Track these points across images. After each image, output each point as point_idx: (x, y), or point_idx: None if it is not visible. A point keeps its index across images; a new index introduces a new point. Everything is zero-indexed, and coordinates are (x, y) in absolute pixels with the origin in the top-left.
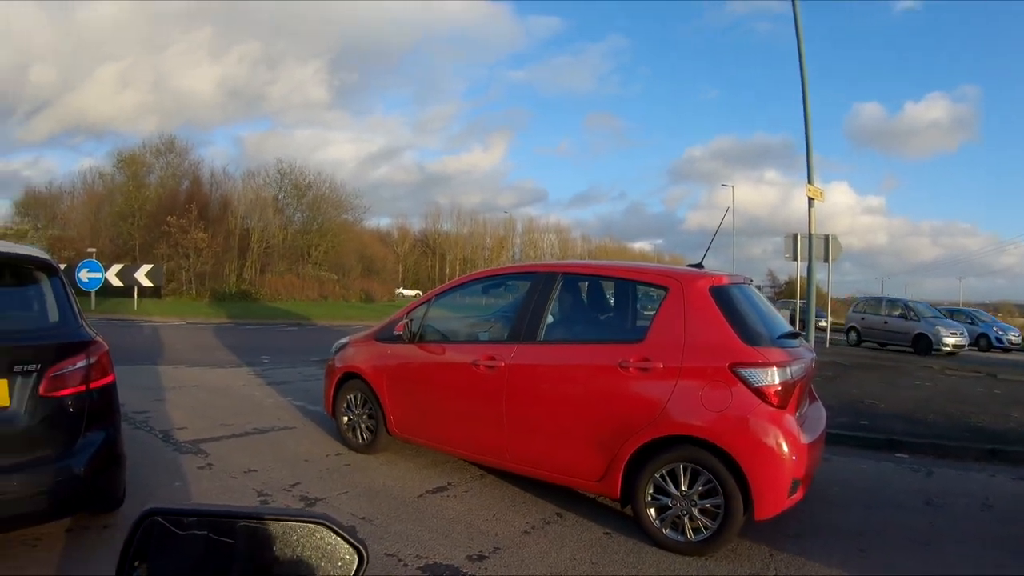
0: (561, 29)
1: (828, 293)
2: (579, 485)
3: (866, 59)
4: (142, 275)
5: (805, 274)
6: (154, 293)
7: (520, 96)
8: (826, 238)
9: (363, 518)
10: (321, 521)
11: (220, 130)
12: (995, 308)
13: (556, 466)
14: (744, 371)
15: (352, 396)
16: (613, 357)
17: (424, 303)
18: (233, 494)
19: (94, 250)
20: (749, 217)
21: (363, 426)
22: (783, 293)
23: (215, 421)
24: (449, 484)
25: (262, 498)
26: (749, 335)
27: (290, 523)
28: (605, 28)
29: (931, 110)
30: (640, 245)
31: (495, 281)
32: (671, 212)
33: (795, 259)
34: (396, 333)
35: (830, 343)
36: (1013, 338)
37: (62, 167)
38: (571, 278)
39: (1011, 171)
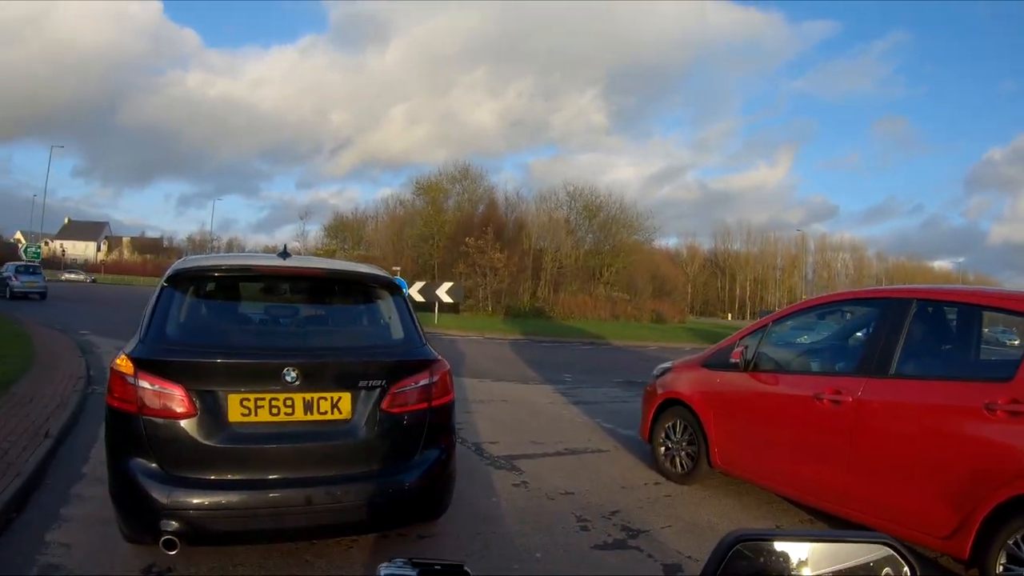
0: (837, 32)
1: None
2: (921, 540)
3: None
4: (443, 292)
5: None
6: (452, 309)
7: (802, 106)
8: None
9: (689, 557)
10: (883, 541)
11: (508, 157)
12: None
13: (897, 516)
14: None
15: (673, 423)
16: (977, 397)
17: (759, 329)
18: (550, 516)
19: (399, 268)
20: None
21: (682, 455)
22: None
23: (526, 438)
24: (777, 527)
25: (581, 523)
26: None
27: (855, 543)
28: (882, 25)
29: None
30: (940, 263)
31: (835, 307)
32: (972, 225)
33: None
34: (732, 361)
35: None
36: None
37: (363, 196)
38: (927, 305)
39: None
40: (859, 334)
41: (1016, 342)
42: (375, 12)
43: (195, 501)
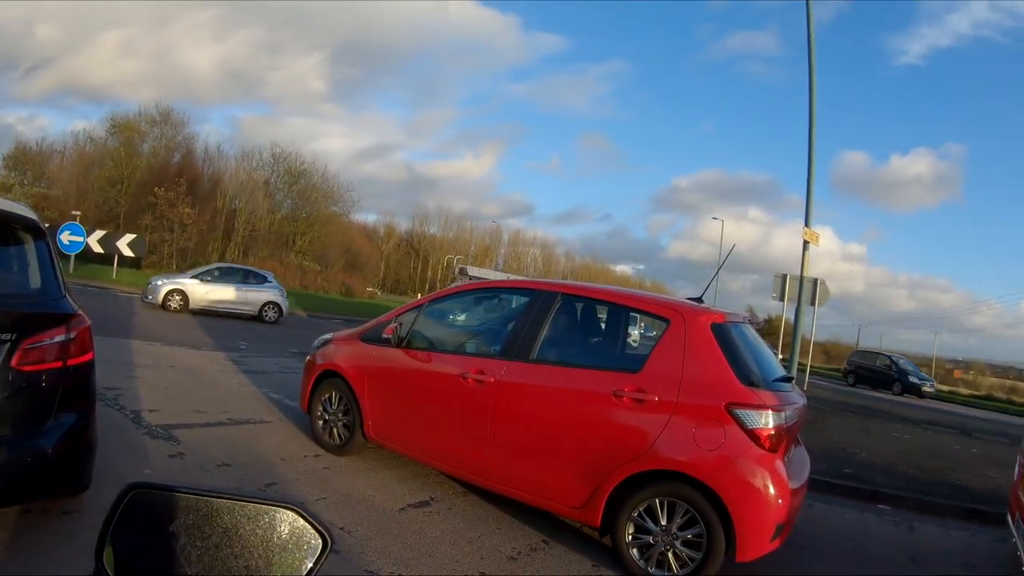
0: (565, 48)
1: (812, 337)
2: (559, 510)
3: (857, 107)
4: (124, 244)
5: (790, 315)
6: (134, 263)
7: (517, 109)
8: (814, 282)
9: (342, 528)
10: (292, 507)
11: (217, 108)
12: (967, 365)
13: (538, 489)
14: (740, 412)
15: (330, 395)
16: (607, 385)
17: (416, 308)
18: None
19: (78, 213)
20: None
21: (338, 426)
22: (762, 331)
23: (188, 406)
24: (431, 499)
25: None
26: (747, 376)
27: (264, 506)
28: (608, 51)
29: (916, 164)
30: (622, 268)
31: (490, 293)
32: (654, 239)
33: (782, 300)
34: (385, 336)
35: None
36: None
37: (56, 127)
38: (570, 299)
39: (989, 232)
40: (509, 321)
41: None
42: None
43: None
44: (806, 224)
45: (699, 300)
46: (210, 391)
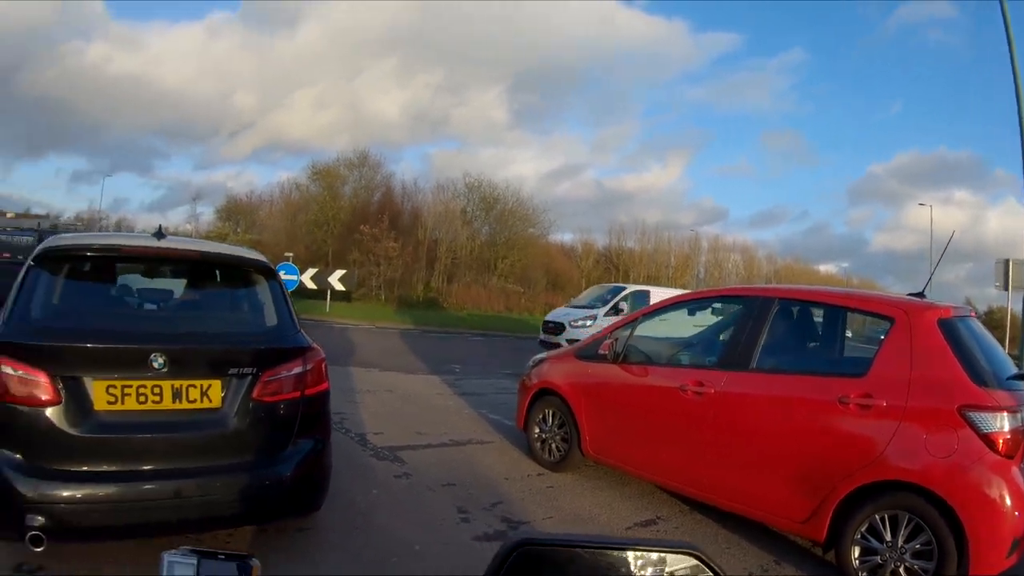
0: (737, 45)
1: None
2: (782, 525)
3: None
4: (335, 279)
5: (1016, 305)
6: (345, 297)
7: (698, 114)
8: None
9: None
10: (690, 551)
11: (409, 149)
12: None
13: (760, 502)
14: (974, 415)
15: (546, 412)
16: (832, 391)
17: (630, 322)
18: (431, 508)
19: (291, 254)
20: (937, 240)
21: (555, 443)
22: (985, 325)
23: (410, 429)
24: (658, 518)
25: (463, 515)
26: (978, 375)
27: (661, 553)
28: (781, 43)
29: None
30: (826, 267)
31: (704, 303)
32: (856, 233)
33: (1006, 288)
34: (601, 352)
35: None
36: None
37: (262, 180)
38: (788, 304)
39: None
40: (725, 330)
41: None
42: None
43: (61, 494)
44: None
45: (921, 295)
46: (430, 413)
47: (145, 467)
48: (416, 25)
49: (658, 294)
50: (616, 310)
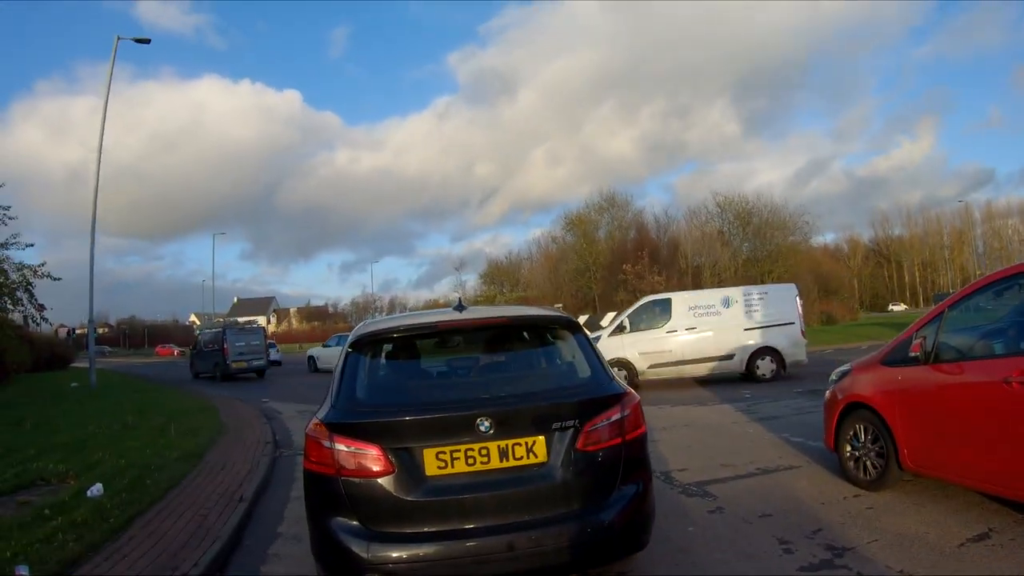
0: None
1: None
2: None
3: None
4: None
5: None
6: None
7: (934, 73)
8: None
9: (900, 571)
10: None
11: (650, 181)
12: None
13: None
14: None
15: (857, 427)
16: None
17: (935, 317)
18: (750, 541)
19: (560, 305)
20: None
21: (870, 460)
22: None
23: (714, 461)
24: (990, 530)
25: (784, 546)
26: None
27: None
28: None
29: None
30: None
31: (1008, 283)
32: None
33: None
34: (912, 355)
35: None
36: None
37: (516, 240)
38: None
39: None
40: None
41: None
42: (498, 64)
43: (396, 555)
44: None
45: None
46: (730, 443)
47: (477, 524)
48: (626, 61)
49: (681, 300)
50: (620, 328)
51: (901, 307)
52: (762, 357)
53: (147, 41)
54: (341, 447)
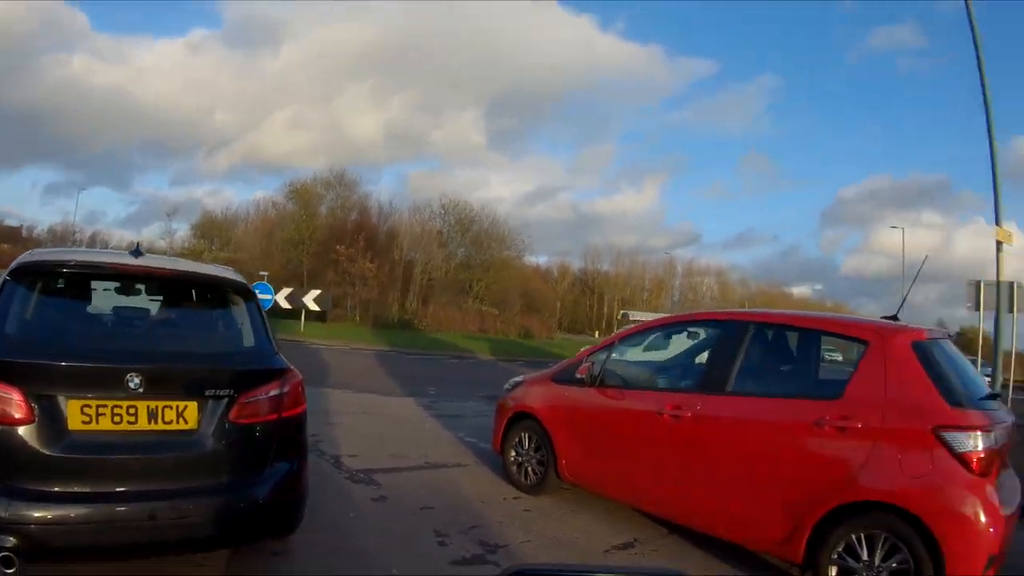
0: (713, 70)
1: (1013, 349)
2: (759, 546)
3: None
4: (310, 299)
5: (986, 326)
6: (320, 317)
7: (674, 139)
8: (1011, 286)
9: None
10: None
11: (387, 168)
12: None
13: (738, 525)
14: (948, 435)
15: (523, 435)
16: (808, 414)
17: (607, 346)
18: (408, 532)
19: (266, 273)
20: (909, 261)
21: (531, 467)
22: (957, 346)
23: (386, 451)
24: (635, 540)
25: (440, 538)
26: (953, 396)
27: None
28: (755, 67)
29: None
30: (799, 290)
31: (679, 327)
32: (828, 257)
33: (977, 309)
34: (578, 376)
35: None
36: None
37: (239, 198)
38: (763, 327)
39: None
40: (701, 353)
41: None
42: (271, 14)
43: (33, 515)
44: (996, 222)
45: (895, 318)
46: (406, 435)
47: (119, 488)
48: (396, 47)
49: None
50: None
51: (597, 335)
52: None
53: None
54: None
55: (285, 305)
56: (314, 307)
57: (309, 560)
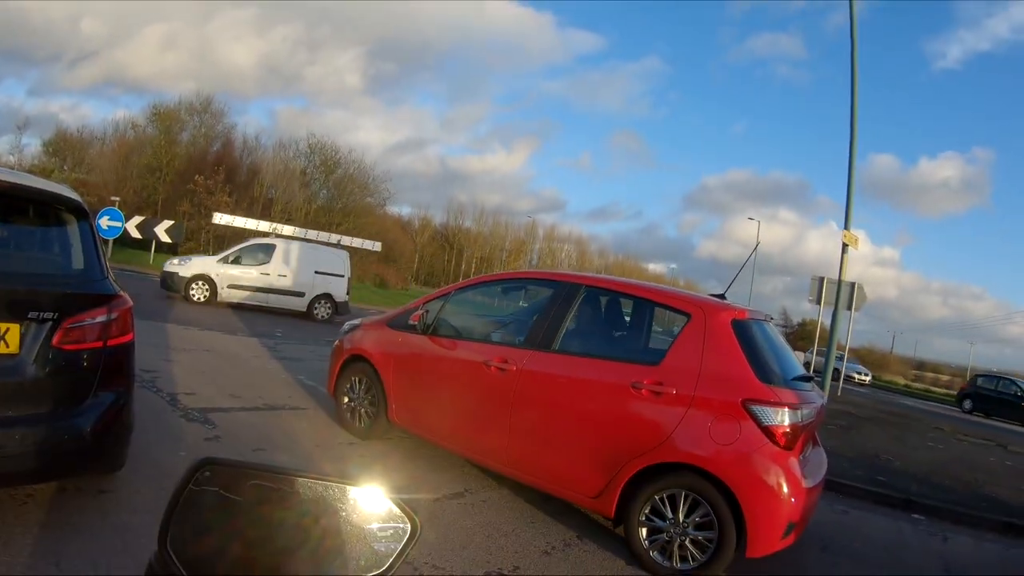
0: (600, 46)
1: (848, 343)
2: (574, 499)
3: (886, 109)
4: (162, 230)
5: (827, 320)
6: (171, 249)
7: (551, 107)
8: (852, 285)
9: None
10: (377, 488)
11: (256, 102)
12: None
13: (554, 477)
14: (756, 408)
15: (356, 379)
16: (627, 376)
17: (442, 296)
18: None
19: (117, 199)
20: (761, 254)
21: (363, 411)
22: (795, 334)
23: (224, 391)
24: (466, 491)
25: None
26: (765, 373)
27: (347, 486)
28: (642, 50)
29: (944, 168)
30: (655, 267)
31: (516, 284)
32: (685, 238)
33: (819, 303)
34: (411, 323)
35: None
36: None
37: (97, 117)
38: (594, 291)
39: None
40: (536, 312)
41: None
42: None
43: None
44: (845, 227)
45: (722, 297)
46: (246, 376)
47: None
48: None
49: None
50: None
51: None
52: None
53: None
54: None
55: (136, 235)
56: (166, 238)
57: (134, 498)
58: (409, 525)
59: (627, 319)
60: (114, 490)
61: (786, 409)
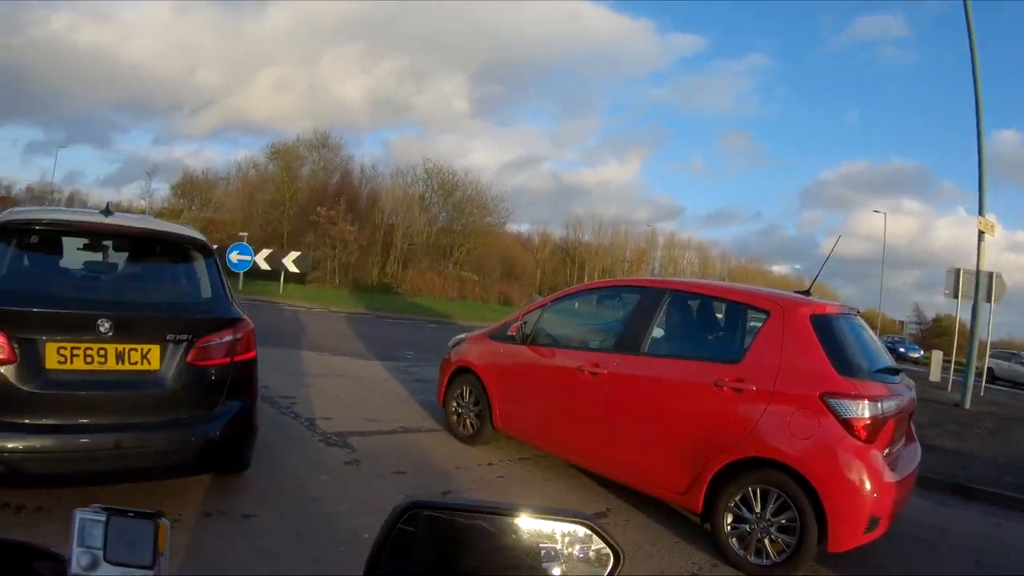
0: (701, 47)
1: (989, 338)
2: (663, 496)
3: (1002, 79)
4: (289, 261)
5: (963, 313)
6: (299, 279)
7: (658, 113)
8: (991, 275)
9: None
10: (583, 521)
11: (369, 134)
12: None
13: (645, 475)
14: (834, 401)
15: (463, 389)
16: (709, 375)
17: (540, 307)
18: (380, 496)
19: (245, 234)
20: (889, 247)
21: (470, 419)
22: (930, 331)
23: (360, 415)
24: (608, 510)
25: None
26: (845, 366)
27: (553, 521)
28: (744, 47)
29: None
30: (779, 268)
31: (606, 292)
32: (808, 236)
33: (956, 296)
34: (510, 334)
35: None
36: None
37: (220, 159)
38: (678, 295)
39: None
40: (623, 317)
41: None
42: None
43: (10, 444)
44: (980, 213)
45: (807, 293)
46: (381, 400)
47: (90, 421)
48: (384, 12)
49: None
50: None
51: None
52: None
53: None
54: None
55: (265, 266)
56: (294, 269)
57: (280, 523)
58: (612, 556)
59: (710, 320)
60: (258, 516)
61: (866, 401)
